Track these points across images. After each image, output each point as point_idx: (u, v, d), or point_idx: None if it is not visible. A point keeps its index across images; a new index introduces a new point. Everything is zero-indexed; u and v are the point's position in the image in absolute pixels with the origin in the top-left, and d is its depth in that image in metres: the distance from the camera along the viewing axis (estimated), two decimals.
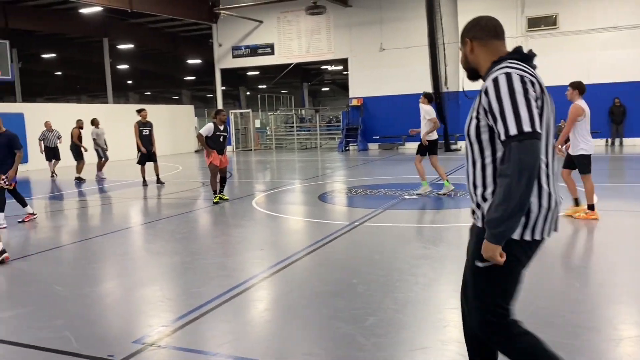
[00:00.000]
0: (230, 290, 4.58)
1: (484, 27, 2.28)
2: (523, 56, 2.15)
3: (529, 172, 1.91)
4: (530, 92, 1.98)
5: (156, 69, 38.58)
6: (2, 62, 13.90)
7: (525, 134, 1.92)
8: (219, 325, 3.89)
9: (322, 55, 24.18)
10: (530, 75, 2.04)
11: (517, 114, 1.94)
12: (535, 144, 1.92)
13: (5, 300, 4.58)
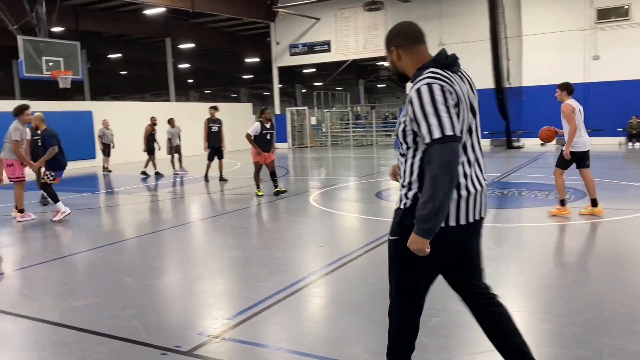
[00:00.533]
0: (290, 286, 4.60)
1: (406, 34, 2.44)
2: (443, 64, 2.32)
3: (451, 170, 2.13)
4: (449, 101, 2.20)
5: (215, 67, 39.48)
6: (73, 62, 14.59)
7: (447, 137, 2.13)
8: (280, 320, 3.92)
9: (379, 51, 23.97)
10: (449, 84, 2.24)
11: (440, 121, 2.15)
12: (455, 146, 2.15)
13: (80, 290, 4.80)
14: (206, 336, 3.59)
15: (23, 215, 8.22)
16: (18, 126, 8.13)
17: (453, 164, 2.14)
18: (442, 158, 2.12)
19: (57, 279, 5.20)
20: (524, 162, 15.12)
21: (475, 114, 2.40)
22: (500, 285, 4.51)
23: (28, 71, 13.57)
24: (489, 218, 7.30)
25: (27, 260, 6.11)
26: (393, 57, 2.48)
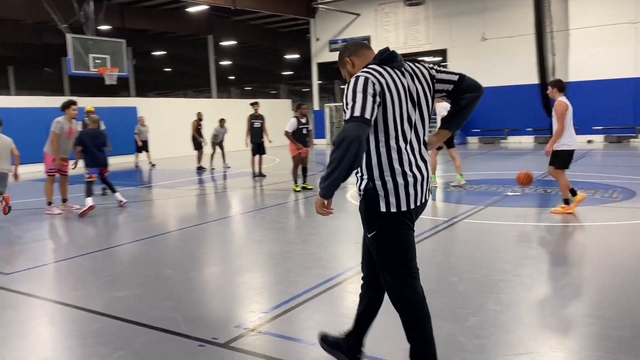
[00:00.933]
0: (327, 281, 4.61)
1: (354, 45, 2.81)
2: (381, 60, 2.59)
3: (348, 142, 2.34)
4: (368, 90, 2.44)
5: (256, 64, 39.82)
6: (119, 59, 14.99)
7: (355, 118, 2.39)
8: (315, 315, 3.93)
9: (420, 46, 23.69)
10: (375, 77, 2.49)
11: (354, 105, 2.41)
12: (360, 125, 2.38)
13: (123, 281, 4.94)
14: (243, 329, 3.64)
15: (50, 209, 8.53)
16: (60, 120, 8.42)
17: (351, 137, 2.36)
18: (347, 131, 2.38)
19: (101, 269, 5.37)
20: None
21: (418, 105, 2.61)
22: (540, 286, 4.39)
23: (76, 68, 14.02)
24: (530, 217, 7.16)
25: (74, 251, 6.33)
26: (348, 68, 2.75)
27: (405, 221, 2.63)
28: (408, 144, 2.57)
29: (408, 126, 2.56)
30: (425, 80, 2.65)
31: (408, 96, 2.56)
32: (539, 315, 3.76)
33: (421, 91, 2.62)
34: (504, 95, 21.32)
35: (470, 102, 2.72)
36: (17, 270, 5.32)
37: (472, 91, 2.72)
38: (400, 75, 2.57)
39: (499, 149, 19.58)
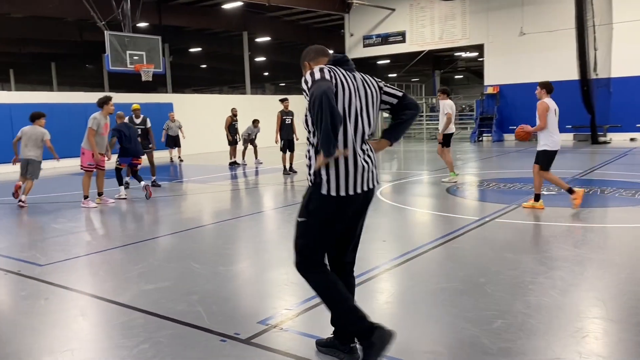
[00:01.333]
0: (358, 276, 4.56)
1: (314, 51, 3.05)
2: (335, 61, 2.88)
3: (319, 100, 2.51)
4: (324, 72, 2.69)
5: (290, 60, 39.95)
6: (155, 56, 15.26)
7: (315, 80, 2.62)
8: None
9: (456, 41, 23.30)
10: (331, 73, 2.73)
11: (313, 75, 2.66)
12: (320, 84, 2.57)
13: (151, 274, 5.02)
14: (265, 325, 3.64)
15: (86, 202, 8.71)
16: (96, 115, 8.61)
17: (323, 95, 2.52)
18: (313, 92, 2.55)
19: (131, 262, 5.47)
20: (610, 158, 14.18)
21: (365, 105, 2.86)
22: (573, 289, 4.25)
23: (114, 64, 14.35)
24: (566, 218, 6.94)
25: (106, 243, 6.48)
26: (307, 71, 2.94)
27: (340, 208, 2.85)
28: (354, 135, 2.81)
29: (354, 120, 2.81)
30: (374, 88, 2.95)
31: (357, 95, 2.83)
32: (570, 320, 3.64)
33: (369, 95, 2.90)
34: None
35: (410, 118, 3.04)
36: (52, 262, 5.47)
37: (412, 109, 3.04)
38: (351, 77, 2.84)
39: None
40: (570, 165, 12.77)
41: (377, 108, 2.97)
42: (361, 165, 2.83)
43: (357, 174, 2.82)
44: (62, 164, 17.01)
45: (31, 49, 31.16)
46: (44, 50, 31.86)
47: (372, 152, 2.94)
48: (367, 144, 2.92)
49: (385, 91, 3.01)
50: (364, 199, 2.92)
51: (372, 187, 2.94)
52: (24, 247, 6.30)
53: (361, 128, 2.85)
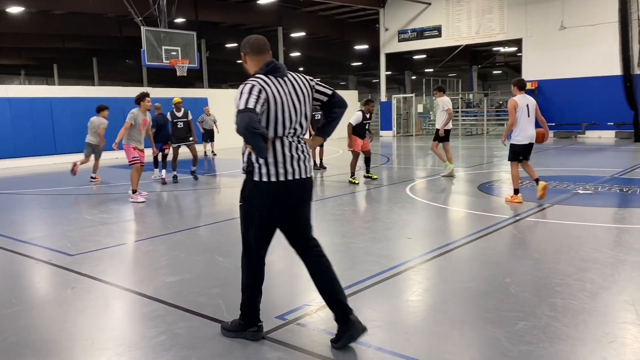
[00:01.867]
0: (375, 276, 4.53)
1: (251, 45, 3.22)
2: (267, 71, 3.12)
3: (243, 133, 2.85)
4: (253, 92, 2.97)
5: (325, 55, 39.92)
6: (189, 51, 15.46)
7: (240, 110, 2.90)
8: (360, 311, 3.85)
9: (493, 36, 22.80)
10: (261, 85, 3.03)
11: (240, 101, 2.93)
12: (243, 115, 2.87)
13: (175, 266, 5.09)
14: (283, 320, 3.64)
15: (134, 196, 8.73)
16: (134, 111, 8.77)
17: (251, 124, 2.84)
18: (242, 121, 2.85)
19: (157, 254, 5.56)
20: None
21: (298, 105, 3.14)
22: (603, 293, 4.09)
23: (149, 60, 14.60)
24: (601, 218, 6.70)
25: (136, 235, 6.61)
26: (243, 60, 3.27)
27: (273, 194, 3.15)
28: (286, 131, 3.13)
29: (288, 119, 3.11)
30: (306, 88, 3.22)
31: (290, 97, 3.12)
32: (597, 324, 3.50)
33: (301, 94, 3.18)
34: (583, 87, 20.19)
35: (339, 116, 3.33)
36: (81, 252, 5.61)
37: (341, 107, 3.33)
38: (282, 83, 3.12)
39: (575, 144, 18.53)
40: (611, 164, 12.34)
41: (310, 104, 3.25)
42: (295, 156, 3.15)
43: (286, 163, 3.12)
44: (105, 156, 17.52)
45: (73, 45, 32.07)
46: (85, 45, 32.75)
47: (305, 146, 3.23)
48: (302, 138, 3.23)
49: (317, 89, 3.29)
50: (299, 187, 3.19)
51: (305, 177, 3.20)
52: (57, 237, 6.48)
53: (294, 124, 3.15)
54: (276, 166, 3.10)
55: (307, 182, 3.24)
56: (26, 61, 40.10)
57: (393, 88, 52.51)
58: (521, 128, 7.50)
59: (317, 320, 3.67)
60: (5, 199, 9.85)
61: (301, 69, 46.45)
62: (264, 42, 3.24)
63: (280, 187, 3.11)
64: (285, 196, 3.15)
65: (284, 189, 3.13)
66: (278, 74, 3.14)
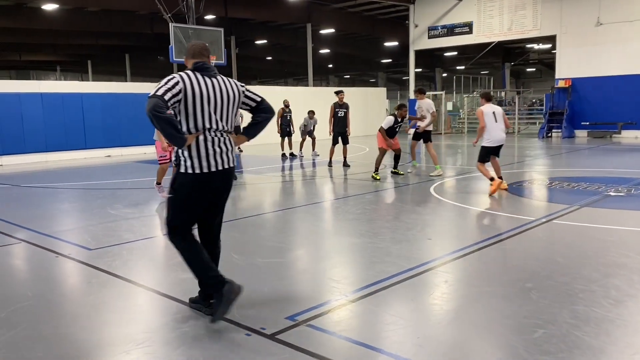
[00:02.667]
0: (388, 278, 4.42)
1: (190, 50, 3.58)
2: (195, 68, 3.48)
3: (147, 110, 3.15)
4: (169, 84, 3.29)
5: (354, 52, 39.70)
6: (216, 47, 15.52)
7: (152, 95, 3.21)
8: (373, 314, 3.76)
9: (526, 32, 22.24)
10: (182, 79, 3.34)
11: (156, 89, 3.25)
12: (155, 100, 3.18)
13: None
14: (293, 321, 3.58)
15: (158, 188, 8.72)
16: None
17: (155, 107, 3.15)
18: (148, 105, 3.17)
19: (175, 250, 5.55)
20: None
21: (223, 104, 3.49)
22: (629, 300, 3.89)
23: (177, 56, 14.72)
24: (632, 221, 6.42)
25: (154, 230, 6.64)
26: (185, 63, 3.62)
27: (198, 185, 3.46)
28: (207, 126, 3.44)
29: (207, 115, 3.43)
30: (234, 91, 3.56)
31: (213, 96, 3.44)
32: (621, 334, 3.33)
33: (228, 96, 3.52)
34: (619, 86, 19.54)
35: (264, 120, 3.71)
36: (101, 246, 5.66)
37: (267, 112, 3.72)
38: (207, 81, 3.44)
39: (610, 144, 17.94)
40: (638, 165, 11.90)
41: (236, 106, 3.60)
42: (218, 150, 3.48)
43: (209, 157, 3.44)
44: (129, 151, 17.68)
45: (106, 42, 32.67)
46: (117, 42, 33.31)
47: (229, 141, 3.57)
48: (226, 134, 3.55)
49: (247, 95, 3.67)
50: (221, 177, 3.54)
51: (227, 167, 3.55)
52: (79, 231, 6.57)
53: (216, 121, 3.47)
54: (199, 159, 3.42)
55: (228, 172, 3.59)
56: (61, 57, 41.09)
57: (424, 85, 51.95)
58: (490, 133, 8.40)
59: (326, 322, 3.59)
60: (34, 193, 10.07)
61: (330, 66, 46.39)
62: (202, 48, 3.58)
63: (203, 178, 3.45)
64: (209, 186, 3.51)
65: (207, 180, 3.47)
66: (205, 73, 3.47)
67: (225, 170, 3.54)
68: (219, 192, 3.63)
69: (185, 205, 3.52)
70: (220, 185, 3.59)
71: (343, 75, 54.58)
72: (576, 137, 20.74)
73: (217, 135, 3.49)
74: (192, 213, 3.57)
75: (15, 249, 5.74)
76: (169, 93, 3.26)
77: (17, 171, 13.66)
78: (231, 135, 3.61)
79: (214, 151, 3.45)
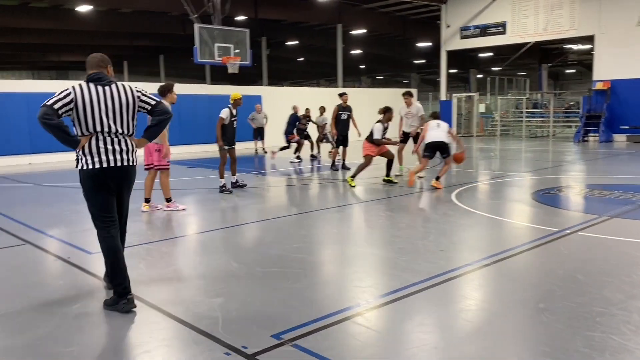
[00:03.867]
0: (391, 293, 4.14)
1: (87, 62, 3.95)
2: (88, 79, 3.86)
3: (38, 118, 3.59)
4: (61, 95, 3.73)
5: (386, 53, 39.23)
6: (242, 48, 15.44)
7: (43, 105, 3.63)
8: (360, 335, 3.50)
9: (563, 32, 21.44)
10: (73, 91, 3.77)
11: (49, 99, 3.69)
12: (44, 109, 3.61)
13: (188, 271, 4.91)
14: (278, 339, 3.34)
15: (169, 205, 7.78)
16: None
17: (43, 115, 3.57)
18: (39, 113, 3.58)
19: (174, 256, 5.42)
20: None
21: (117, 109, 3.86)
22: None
23: (202, 57, 14.69)
24: None
25: (159, 234, 6.52)
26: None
27: (97, 180, 3.84)
28: (99, 129, 3.81)
29: (99, 119, 3.80)
30: (127, 96, 3.89)
31: (105, 101, 3.81)
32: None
33: (121, 101, 3.86)
34: None
35: (158, 122, 3.97)
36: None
37: (160, 115, 3.97)
38: (100, 90, 3.82)
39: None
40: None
41: (131, 110, 3.91)
42: (110, 149, 3.83)
43: (100, 155, 3.80)
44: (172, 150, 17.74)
45: (140, 42, 33.18)
46: (151, 43, 33.80)
47: (126, 142, 3.91)
48: (122, 136, 3.88)
49: (142, 99, 3.95)
50: (116, 173, 3.87)
51: (120, 165, 3.87)
52: (84, 233, 6.45)
53: (108, 124, 3.82)
54: (92, 156, 3.79)
55: (124, 169, 3.90)
56: None
57: (459, 87, 50.90)
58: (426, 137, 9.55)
59: (312, 342, 3.32)
60: (54, 192, 10.13)
61: (362, 67, 46.00)
62: (98, 60, 3.94)
63: (97, 172, 3.81)
64: (104, 180, 3.84)
65: (101, 175, 3.82)
66: (99, 82, 3.84)
67: (120, 168, 3.87)
68: (118, 187, 3.94)
69: (90, 196, 3.91)
70: (117, 180, 3.91)
71: (376, 76, 54.08)
72: (614, 142, 19.86)
73: (111, 136, 3.84)
74: (98, 203, 3.92)
75: (16, 251, 5.68)
76: (59, 103, 3.66)
77: (44, 170, 13.88)
78: (130, 138, 3.95)
79: (105, 149, 3.81)
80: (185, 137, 18.51)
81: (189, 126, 18.60)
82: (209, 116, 18.89)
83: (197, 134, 18.74)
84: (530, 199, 8.30)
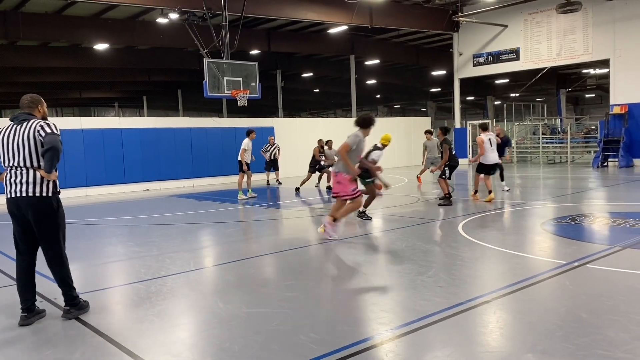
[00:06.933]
0: (374, 337, 3.91)
1: (20, 102, 4.51)
2: (11, 119, 4.46)
3: None
4: None
5: (401, 82, 39.35)
6: (251, 81, 15.55)
7: None
8: None
9: (577, 57, 21.21)
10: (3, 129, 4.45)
11: None
12: None
13: (170, 314, 4.72)
14: None
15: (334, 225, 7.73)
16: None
17: None
18: None
19: (160, 296, 5.24)
20: None
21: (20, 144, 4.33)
22: None
23: (211, 91, 14.82)
24: None
25: (151, 272, 6.36)
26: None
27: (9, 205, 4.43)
28: (13, 167, 4.35)
29: (7, 157, 4.37)
30: (25, 132, 4.31)
31: (14, 138, 4.33)
32: None
33: (19, 137, 4.32)
34: None
35: (44, 152, 4.26)
36: (88, 290, 5.41)
37: (45, 146, 4.25)
38: (11, 128, 4.38)
39: None
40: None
41: (29, 144, 4.30)
42: (12, 181, 4.35)
43: (6, 187, 4.36)
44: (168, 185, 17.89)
45: (158, 78, 33.89)
46: (168, 78, 34.50)
47: (25, 175, 4.32)
48: (21, 169, 4.32)
49: (39, 132, 4.27)
50: (18, 203, 4.33)
51: (19, 195, 4.31)
52: (79, 271, 6.37)
53: (8, 159, 4.36)
54: (5, 188, 4.37)
55: (24, 200, 4.31)
56: (118, 94, 42.95)
57: (477, 114, 50.63)
58: (486, 155, 11.34)
59: None
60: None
61: (378, 96, 46.17)
62: (27, 101, 4.46)
63: (8, 202, 4.40)
64: (11, 209, 4.40)
65: (8, 204, 4.41)
66: (15, 121, 4.39)
67: (19, 198, 4.32)
68: (24, 217, 4.36)
69: (12, 223, 4.46)
70: (22, 210, 4.34)
71: (392, 105, 54.19)
72: (635, 167, 19.33)
73: (13, 170, 4.36)
74: (13, 230, 4.47)
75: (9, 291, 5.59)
76: None
77: None
78: (38, 170, 4.31)
79: (9, 183, 4.36)
80: (197, 170, 18.69)
81: (201, 159, 18.80)
82: (221, 150, 19.04)
83: (208, 166, 18.93)
84: (540, 229, 8.00)
